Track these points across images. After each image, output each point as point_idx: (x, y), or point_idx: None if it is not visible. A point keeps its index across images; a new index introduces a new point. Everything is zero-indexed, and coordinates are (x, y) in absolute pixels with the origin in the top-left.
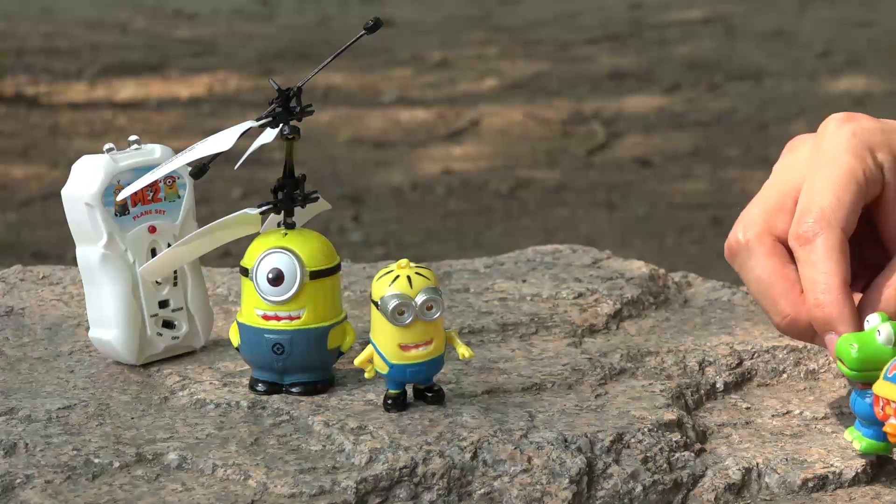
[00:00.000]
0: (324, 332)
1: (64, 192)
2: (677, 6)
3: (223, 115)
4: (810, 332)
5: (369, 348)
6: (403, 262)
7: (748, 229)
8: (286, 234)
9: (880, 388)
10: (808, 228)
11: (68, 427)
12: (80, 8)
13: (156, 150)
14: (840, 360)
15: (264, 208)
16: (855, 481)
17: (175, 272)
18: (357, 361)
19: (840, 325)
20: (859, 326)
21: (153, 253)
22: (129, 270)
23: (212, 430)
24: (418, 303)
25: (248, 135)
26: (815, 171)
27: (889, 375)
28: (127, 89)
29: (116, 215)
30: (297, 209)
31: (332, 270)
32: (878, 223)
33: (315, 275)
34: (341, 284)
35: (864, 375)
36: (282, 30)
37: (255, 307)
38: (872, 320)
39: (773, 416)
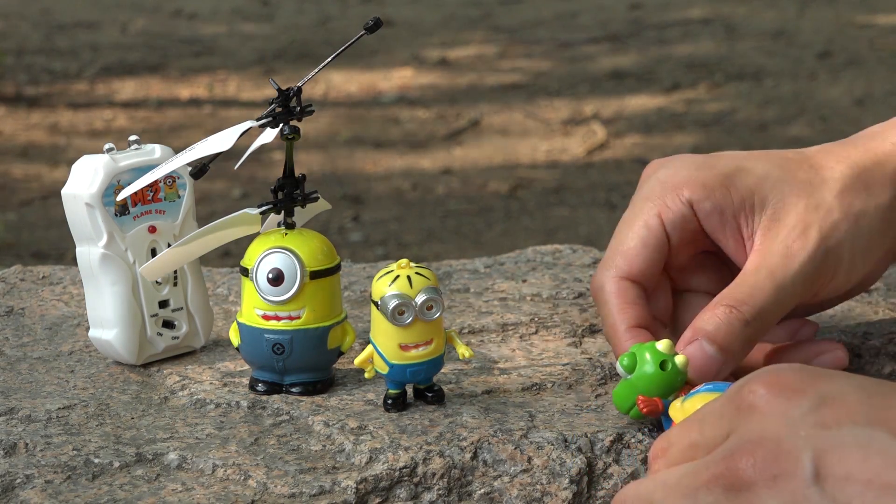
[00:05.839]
0: (324, 332)
1: (64, 192)
2: (677, 6)
3: (223, 116)
4: None
5: (369, 348)
6: (403, 262)
7: (606, 270)
8: (286, 234)
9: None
10: (596, 278)
11: (68, 427)
12: (80, 8)
13: (156, 150)
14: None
15: (264, 208)
16: None
17: (175, 272)
18: (357, 361)
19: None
20: None
21: (153, 253)
22: (129, 270)
23: (212, 430)
24: (418, 303)
25: (248, 135)
26: (621, 221)
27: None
28: (127, 89)
29: (116, 215)
30: (297, 209)
31: (332, 270)
32: (726, 251)
33: (315, 275)
34: (341, 284)
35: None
36: (282, 30)
37: (255, 307)
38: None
39: None
